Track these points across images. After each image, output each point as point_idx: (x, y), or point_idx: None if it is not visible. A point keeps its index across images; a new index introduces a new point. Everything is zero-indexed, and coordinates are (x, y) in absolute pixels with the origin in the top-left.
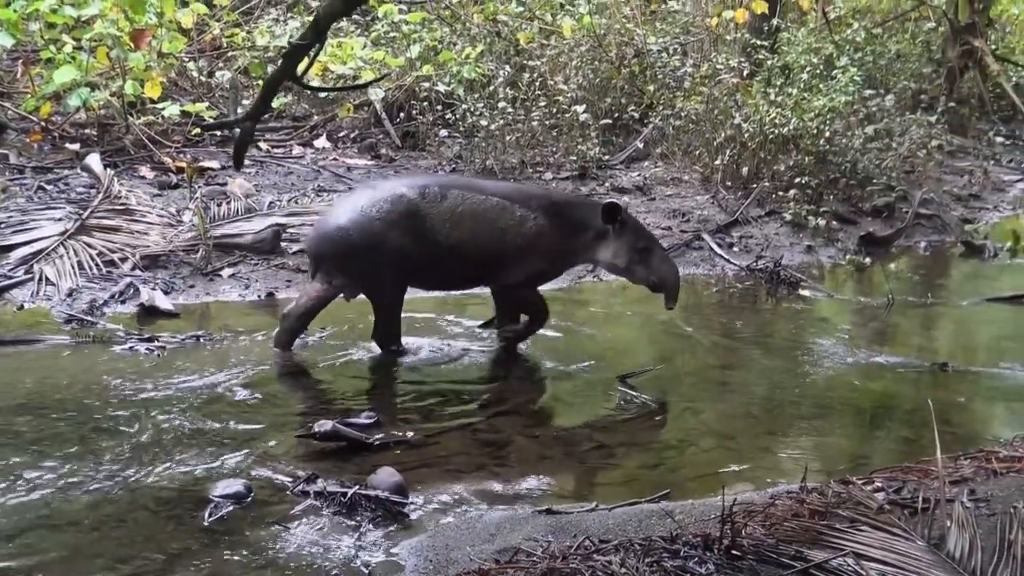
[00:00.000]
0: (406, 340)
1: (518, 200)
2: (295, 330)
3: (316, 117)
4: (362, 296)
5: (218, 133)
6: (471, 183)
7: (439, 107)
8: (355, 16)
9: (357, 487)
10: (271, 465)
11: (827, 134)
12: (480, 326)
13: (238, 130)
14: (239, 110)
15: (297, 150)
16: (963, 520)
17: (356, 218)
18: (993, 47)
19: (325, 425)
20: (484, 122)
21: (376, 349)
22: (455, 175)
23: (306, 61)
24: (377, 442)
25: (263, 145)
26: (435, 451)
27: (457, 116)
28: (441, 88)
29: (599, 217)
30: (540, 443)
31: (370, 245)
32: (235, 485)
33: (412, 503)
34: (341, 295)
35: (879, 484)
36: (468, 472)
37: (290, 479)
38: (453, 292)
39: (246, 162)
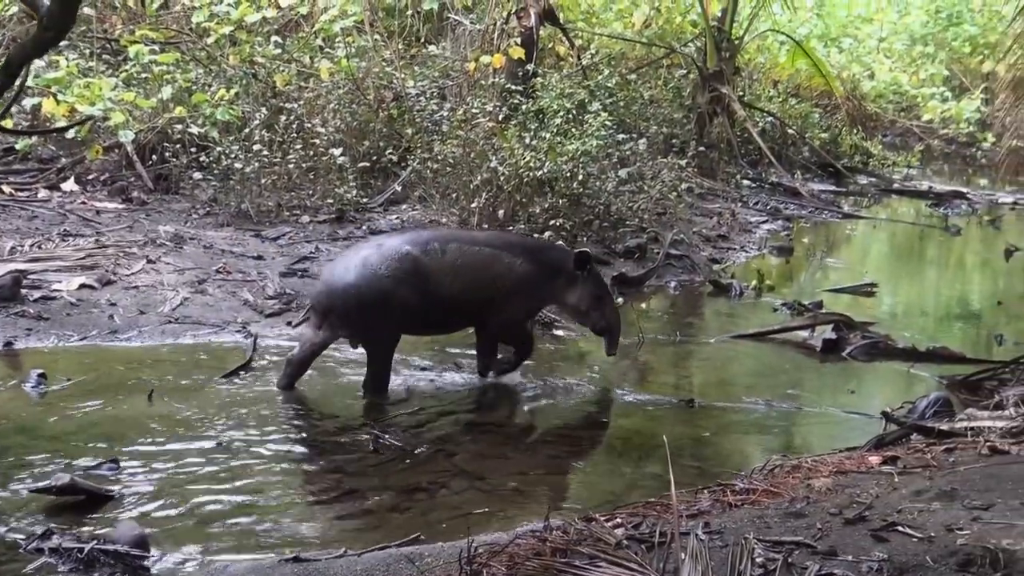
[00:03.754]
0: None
1: (503, 247)
2: (296, 375)
3: (64, 159)
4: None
5: None
6: (462, 235)
7: (193, 149)
8: (105, 56)
9: (95, 542)
10: (2, 521)
11: (581, 177)
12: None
13: None
14: None
15: (43, 193)
16: (697, 553)
17: (366, 275)
18: (740, 94)
19: (62, 478)
20: (239, 165)
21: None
22: (446, 228)
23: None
24: (116, 494)
25: (6, 188)
26: (182, 500)
27: (212, 159)
28: (195, 130)
29: (570, 263)
30: (290, 489)
31: (379, 301)
32: None
33: (154, 556)
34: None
35: (620, 520)
36: (215, 520)
37: (23, 536)
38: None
39: None
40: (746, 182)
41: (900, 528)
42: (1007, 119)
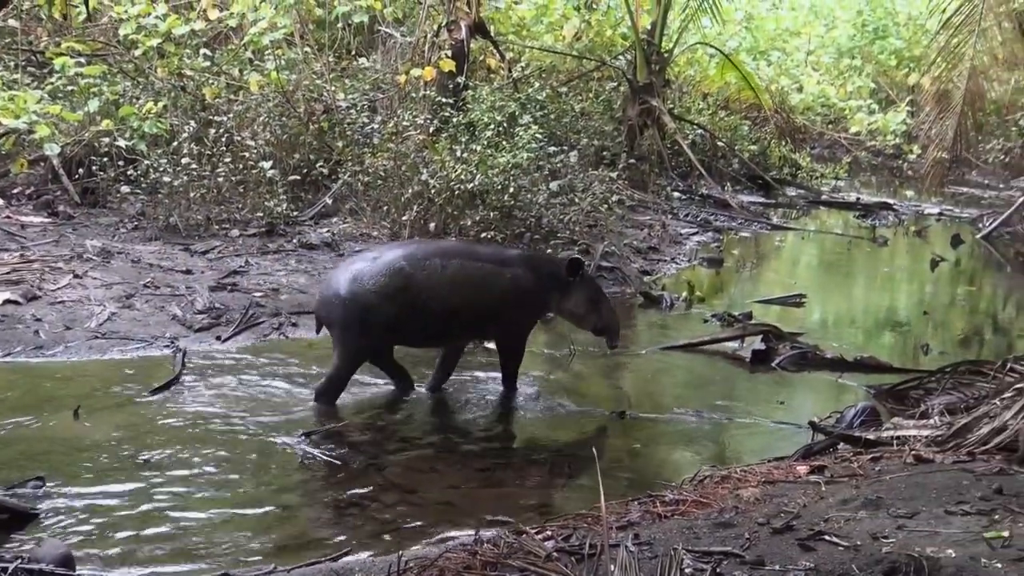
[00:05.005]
0: None
1: (503, 262)
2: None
3: None
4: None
5: None
6: (464, 250)
7: (121, 163)
8: (30, 68)
9: (19, 561)
10: None
11: (512, 189)
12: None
13: None
14: None
15: None
16: (626, 564)
17: (353, 288)
18: (670, 106)
19: None
20: (168, 178)
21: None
22: (450, 243)
23: None
24: (41, 512)
25: None
26: (108, 517)
27: (140, 172)
28: (122, 143)
29: (564, 271)
30: (218, 505)
31: (360, 313)
32: None
33: (79, 574)
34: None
35: (550, 532)
36: (142, 538)
37: None
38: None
39: None
40: (676, 194)
41: (827, 537)
42: (932, 131)
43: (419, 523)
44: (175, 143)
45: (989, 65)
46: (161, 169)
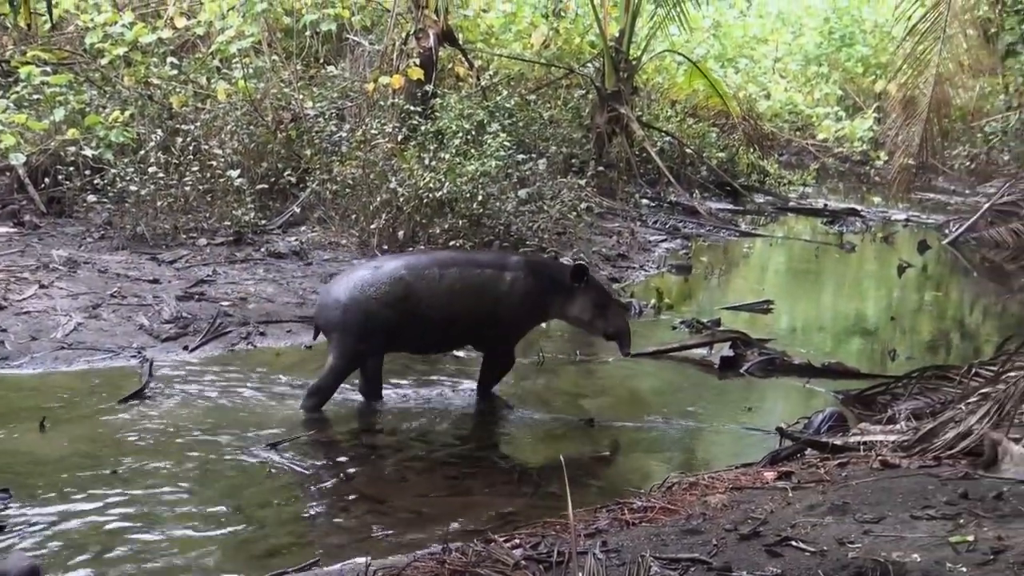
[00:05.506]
0: None
1: (503, 267)
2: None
3: None
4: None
5: None
6: (462, 258)
7: (87, 172)
8: None
9: None
10: None
11: (480, 197)
12: None
13: None
14: None
15: None
16: (594, 571)
17: (355, 294)
18: (639, 114)
19: None
20: (134, 187)
21: None
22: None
23: None
24: (6, 524)
25: None
26: (75, 529)
27: (106, 181)
28: (89, 152)
29: (568, 276)
30: (185, 515)
31: (360, 320)
32: None
33: None
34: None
35: (519, 541)
36: (109, 549)
37: None
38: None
39: None
40: (645, 201)
41: (793, 543)
42: (899, 137)
43: (387, 532)
44: (142, 152)
45: (954, 72)
46: (128, 178)
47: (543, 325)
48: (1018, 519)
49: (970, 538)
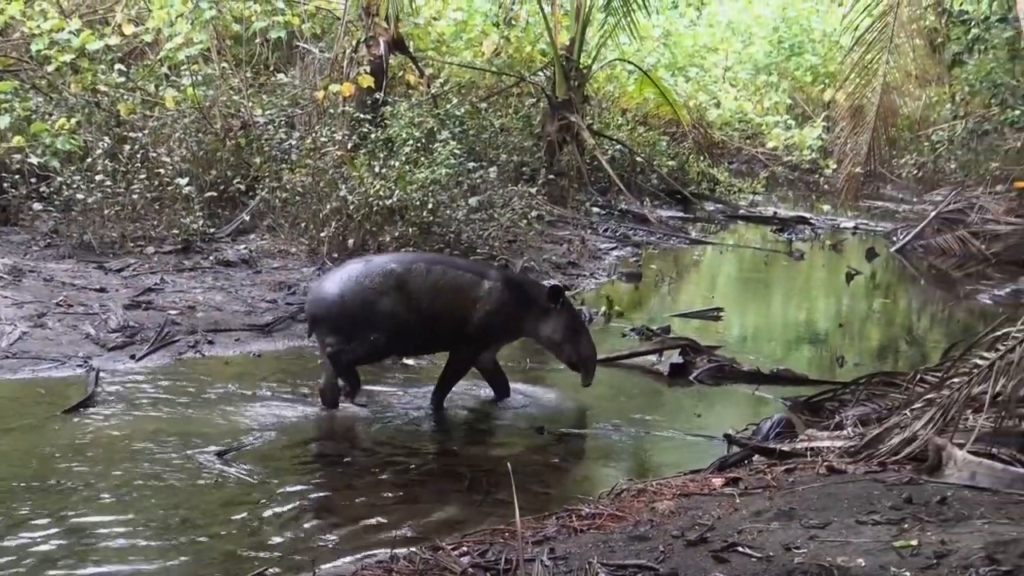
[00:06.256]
0: None
1: (482, 274)
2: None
3: None
4: None
5: None
6: (446, 259)
7: (33, 180)
8: None
9: None
10: None
11: (431, 205)
12: None
13: None
14: None
15: None
16: None
17: (351, 285)
18: (589, 122)
19: None
20: (81, 195)
21: None
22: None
23: None
24: None
25: None
26: (16, 540)
27: (52, 189)
28: (34, 160)
29: (544, 296)
30: (129, 525)
31: (362, 309)
32: None
33: None
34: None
35: (466, 548)
36: (49, 561)
37: None
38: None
39: None
40: (596, 209)
41: (740, 548)
42: (847, 146)
43: (335, 540)
44: (89, 160)
45: (902, 81)
46: (75, 186)
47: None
48: (961, 523)
49: (914, 542)
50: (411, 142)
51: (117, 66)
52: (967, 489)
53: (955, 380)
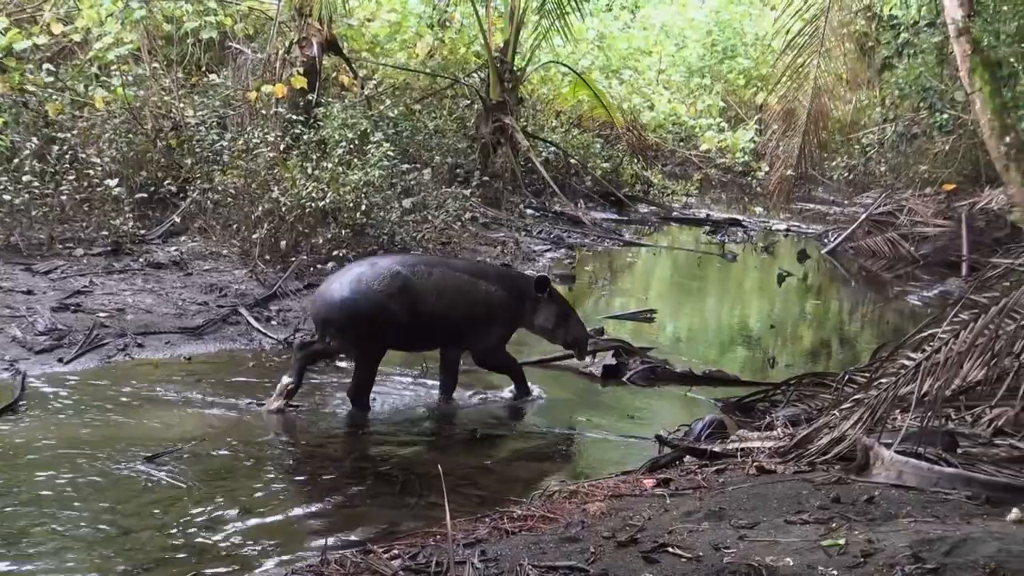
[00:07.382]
0: None
1: (480, 276)
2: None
3: None
4: None
5: None
6: (445, 261)
7: None
8: None
9: None
10: None
11: (364, 207)
12: None
13: None
14: None
15: None
16: None
17: (361, 289)
18: (524, 124)
19: None
20: (8, 196)
21: None
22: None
23: None
24: None
25: None
26: None
27: None
28: None
29: (532, 288)
30: (58, 532)
31: (372, 313)
32: None
33: None
34: None
35: (398, 551)
36: None
37: None
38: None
39: None
40: (530, 211)
41: (670, 549)
42: (779, 149)
43: (266, 544)
44: (16, 160)
45: (833, 85)
46: (1, 187)
47: None
48: (888, 522)
49: (841, 541)
50: (344, 143)
51: (45, 65)
52: (894, 488)
53: (883, 380)
